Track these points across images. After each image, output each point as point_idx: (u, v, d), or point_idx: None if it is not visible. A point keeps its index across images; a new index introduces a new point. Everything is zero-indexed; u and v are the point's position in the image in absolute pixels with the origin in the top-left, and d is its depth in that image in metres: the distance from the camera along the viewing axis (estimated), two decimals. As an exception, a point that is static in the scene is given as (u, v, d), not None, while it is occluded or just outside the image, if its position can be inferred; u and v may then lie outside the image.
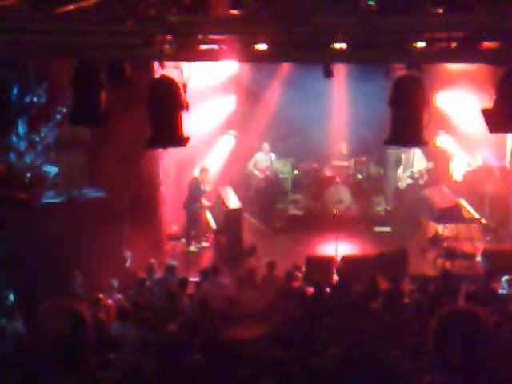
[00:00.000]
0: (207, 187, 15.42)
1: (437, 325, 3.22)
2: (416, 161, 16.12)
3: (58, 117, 11.87)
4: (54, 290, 9.90)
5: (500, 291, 11.11)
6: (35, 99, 11.61)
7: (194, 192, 15.11)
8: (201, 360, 7.82)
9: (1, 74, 8.45)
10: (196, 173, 15.58)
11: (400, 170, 16.47)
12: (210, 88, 15.42)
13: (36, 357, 3.23)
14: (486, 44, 7.59)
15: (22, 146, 11.78)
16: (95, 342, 3.37)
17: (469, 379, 3.17)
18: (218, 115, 16.82)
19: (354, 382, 7.54)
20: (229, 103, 17.13)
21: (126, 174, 12.66)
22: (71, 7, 7.40)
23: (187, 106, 7.76)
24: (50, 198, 12.09)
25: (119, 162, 12.39)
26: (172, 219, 15.36)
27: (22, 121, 11.61)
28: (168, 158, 14.68)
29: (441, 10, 7.63)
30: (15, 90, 8.93)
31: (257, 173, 16.77)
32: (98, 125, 8.94)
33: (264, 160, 16.87)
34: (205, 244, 15.41)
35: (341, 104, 17.02)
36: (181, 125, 7.77)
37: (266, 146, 16.88)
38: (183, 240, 15.21)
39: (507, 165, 14.75)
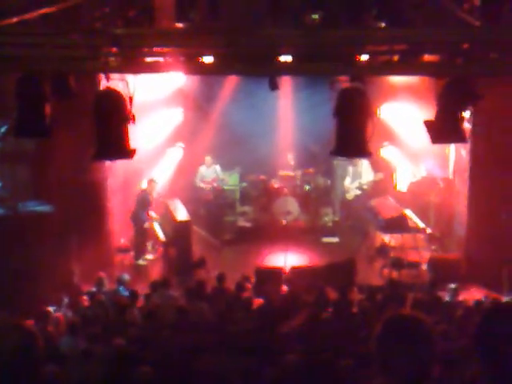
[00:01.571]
0: (155, 198, 15.38)
1: (381, 330, 3.26)
2: (364, 172, 16.32)
3: (2, 130, 11.72)
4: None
5: (446, 299, 11.28)
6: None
7: (142, 204, 15.04)
8: (149, 372, 7.76)
9: None
10: (144, 185, 15.51)
11: (347, 181, 16.64)
12: (158, 100, 15.40)
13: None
14: (427, 57, 7.77)
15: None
16: (44, 356, 3.34)
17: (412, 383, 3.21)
18: (166, 127, 16.79)
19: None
20: (176, 115, 17.12)
21: (73, 186, 12.54)
22: (15, 19, 7.33)
23: (133, 118, 7.75)
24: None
25: (65, 175, 12.27)
26: (120, 232, 15.24)
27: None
28: (115, 171, 14.59)
29: (383, 25, 7.81)
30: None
31: (203, 185, 16.76)
32: (42, 137, 8.84)
33: (208, 173, 16.88)
34: (152, 257, 15.32)
35: (287, 115, 17.18)
36: (127, 137, 7.75)
37: (208, 158, 16.91)
38: (131, 253, 15.10)
39: (450, 175, 15.02)
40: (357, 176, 16.41)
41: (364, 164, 16.23)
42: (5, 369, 3.11)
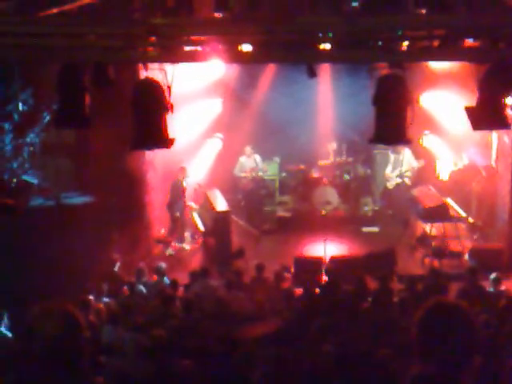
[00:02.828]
0: (193, 188, 15.45)
1: (423, 315, 3.24)
2: (405, 161, 16.17)
3: (45, 121, 11.86)
4: (42, 293, 9.86)
5: (488, 289, 11.14)
6: (20, 105, 11.61)
7: (175, 191, 15.09)
8: (191, 365, 7.79)
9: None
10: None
11: (388, 170, 16.52)
12: (197, 91, 15.43)
13: (28, 363, 3.20)
14: (468, 42, 7.65)
15: (8, 152, 11.76)
16: (88, 345, 3.34)
17: (452, 372, 3.18)
18: (205, 118, 16.82)
19: (345, 381, 7.54)
20: (215, 106, 17.14)
21: (113, 177, 12.65)
22: (55, 10, 7.40)
23: (172, 108, 7.77)
24: (38, 202, 12.06)
25: (105, 166, 12.38)
26: (160, 222, 15.33)
27: (7, 127, 11.59)
28: (155, 161, 14.67)
29: (423, 11, 7.70)
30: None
31: (243, 175, 16.76)
32: (82, 128, 8.95)
33: (248, 163, 16.86)
34: (187, 246, 15.38)
35: (327, 103, 17.10)
36: (165, 126, 7.78)
37: (248, 149, 16.87)
38: (174, 243, 15.19)
39: (493, 163, 14.81)
40: (398, 164, 16.28)
41: (406, 152, 16.09)
42: (49, 354, 3.13)
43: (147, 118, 7.69)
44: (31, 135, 11.96)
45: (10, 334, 9.33)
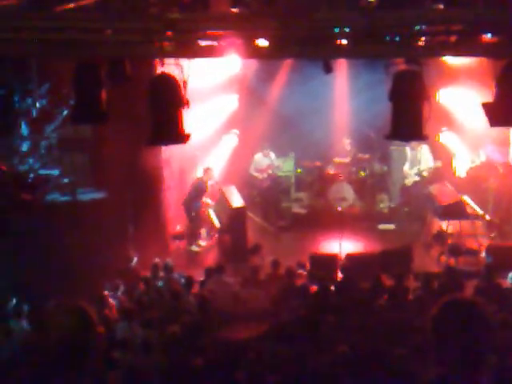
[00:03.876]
0: (211, 186, 15.46)
1: (438, 312, 3.20)
2: (423, 158, 16.09)
3: (62, 116, 11.90)
4: (58, 289, 9.92)
5: (506, 287, 11.06)
6: (37, 100, 11.66)
7: (196, 192, 15.08)
8: (202, 365, 7.77)
9: (2, 77, 8.45)
10: (200, 172, 15.54)
11: (406, 167, 16.43)
12: (213, 87, 15.42)
13: (43, 357, 3.22)
14: (486, 37, 7.58)
15: (25, 147, 11.82)
16: (102, 340, 3.35)
17: (468, 371, 3.13)
18: (221, 114, 16.82)
19: (358, 380, 7.50)
20: (231, 102, 17.13)
21: (129, 173, 12.67)
22: (71, 5, 7.40)
23: (188, 103, 7.76)
24: (55, 198, 12.12)
25: (121, 161, 12.39)
26: (176, 218, 15.35)
27: (24, 122, 11.64)
28: (171, 157, 14.67)
29: (441, 6, 7.63)
30: (17, 92, 8.95)
31: (258, 175, 16.70)
32: (99, 123, 8.96)
33: (264, 160, 16.82)
34: (205, 243, 15.37)
35: (343, 99, 17.05)
36: (181, 122, 7.76)
37: (266, 149, 16.82)
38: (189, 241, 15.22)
39: (510, 160, 14.71)
40: (415, 162, 16.19)
41: (423, 150, 16.00)
42: (62, 348, 3.14)
43: (163, 114, 7.68)
44: (48, 130, 12.02)
45: (29, 328, 9.40)
